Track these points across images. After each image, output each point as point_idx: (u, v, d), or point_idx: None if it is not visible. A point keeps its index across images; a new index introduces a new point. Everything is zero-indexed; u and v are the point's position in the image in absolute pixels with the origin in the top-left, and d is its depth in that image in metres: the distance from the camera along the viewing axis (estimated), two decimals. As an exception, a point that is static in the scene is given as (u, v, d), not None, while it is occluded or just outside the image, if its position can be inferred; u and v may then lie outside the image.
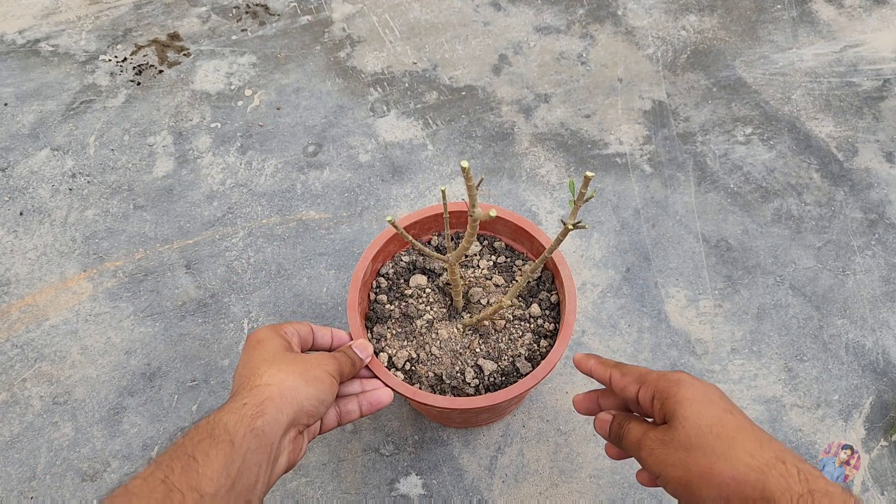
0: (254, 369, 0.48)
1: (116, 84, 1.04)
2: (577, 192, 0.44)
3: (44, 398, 0.76)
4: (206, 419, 0.44)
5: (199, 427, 0.43)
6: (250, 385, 0.47)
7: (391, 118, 1.00)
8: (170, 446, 0.43)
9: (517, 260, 0.67)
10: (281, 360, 0.49)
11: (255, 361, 0.49)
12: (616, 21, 1.13)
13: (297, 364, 0.49)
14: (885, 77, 1.05)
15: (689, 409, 0.42)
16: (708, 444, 0.40)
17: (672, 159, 0.96)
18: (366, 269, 0.61)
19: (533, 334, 0.63)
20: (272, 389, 0.46)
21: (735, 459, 0.39)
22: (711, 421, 0.41)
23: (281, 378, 0.47)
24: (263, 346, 0.51)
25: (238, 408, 0.44)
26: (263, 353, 0.50)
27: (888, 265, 0.86)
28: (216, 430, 0.42)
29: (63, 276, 0.85)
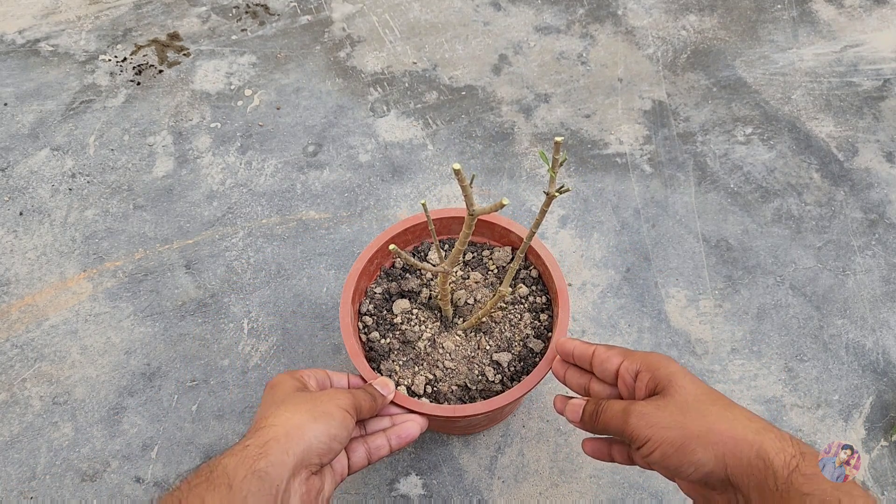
0: (264, 412, 0.47)
1: (116, 84, 1.04)
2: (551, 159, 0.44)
3: (44, 398, 0.76)
4: (207, 463, 0.42)
5: (198, 471, 0.42)
6: (256, 427, 0.45)
7: (391, 118, 1.00)
8: (166, 493, 0.41)
9: (483, 251, 0.68)
10: (290, 399, 0.47)
11: (265, 405, 0.48)
12: (616, 21, 1.13)
13: (306, 402, 0.47)
14: (886, 77, 1.05)
15: (685, 379, 0.44)
16: (706, 407, 0.42)
17: (672, 159, 0.96)
18: (349, 313, 0.60)
19: (530, 312, 0.63)
20: (277, 430, 0.44)
21: (734, 420, 0.41)
22: (706, 390, 0.44)
23: (287, 417, 0.45)
24: (276, 389, 0.49)
25: (240, 450, 0.42)
26: (275, 396, 0.48)
27: (888, 265, 0.86)
28: (214, 474, 0.41)
29: (63, 276, 0.85)
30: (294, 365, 0.78)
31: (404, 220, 0.65)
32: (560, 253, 0.87)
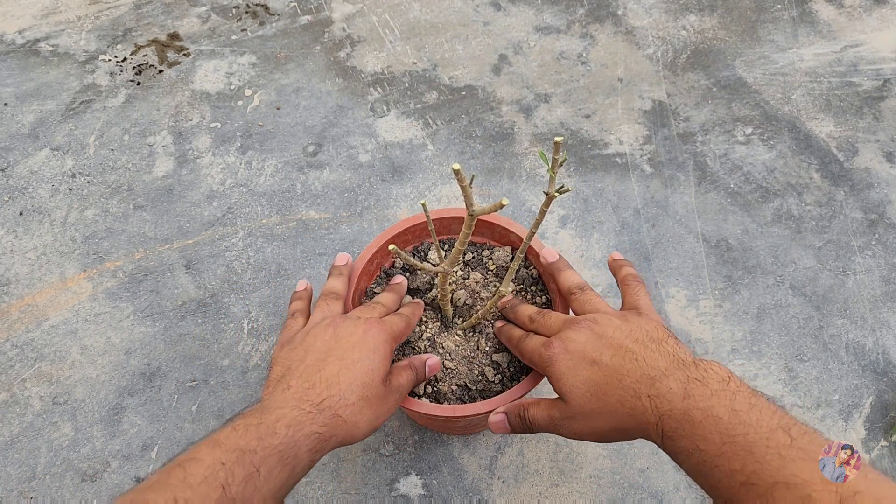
0: (345, 389, 0.46)
1: (116, 84, 1.04)
2: (551, 159, 0.43)
3: (44, 398, 0.76)
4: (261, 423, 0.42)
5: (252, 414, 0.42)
6: (322, 402, 0.45)
7: (391, 118, 1.00)
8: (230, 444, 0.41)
9: (483, 251, 0.68)
10: (373, 399, 0.48)
11: (356, 374, 0.48)
12: (616, 21, 1.13)
13: (379, 412, 0.49)
14: (886, 77, 1.05)
15: (565, 386, 0.48)
16: (592, 409, 0.47)
17: (672, 159, 0.96)
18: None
19: None
20: (342, 429, 0.46)
21: (608, 415, 0.46)
22: (584, 388, 0.47)
23: (357, 422, 0.47)
24: (373, 363, 0.49)
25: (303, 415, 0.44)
26: (366, 375, 0.48)
27: (888, 265, 0.86)
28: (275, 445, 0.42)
29: (63, 276, 0.85)
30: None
31: (404, 220, 0.65)
32: (560, 253, 0.87)
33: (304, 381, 0.46)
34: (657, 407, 0.43)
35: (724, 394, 0.41)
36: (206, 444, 0.40)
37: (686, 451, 0.41)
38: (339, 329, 0.50)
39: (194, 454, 0.39)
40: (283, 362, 0.49)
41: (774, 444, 0.37)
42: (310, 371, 0.47)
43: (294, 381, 0.46)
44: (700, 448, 0.40)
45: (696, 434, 0.40)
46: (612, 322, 0.50)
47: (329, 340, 0.49)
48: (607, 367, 0.47)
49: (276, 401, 0.45)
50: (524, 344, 0.54)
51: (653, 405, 0.43)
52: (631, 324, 0.49)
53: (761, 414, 0.39)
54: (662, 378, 0.44)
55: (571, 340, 0.49)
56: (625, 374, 0.45)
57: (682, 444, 0.41)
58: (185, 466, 0.38)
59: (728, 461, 0.38)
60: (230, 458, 0.39)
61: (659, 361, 0.45)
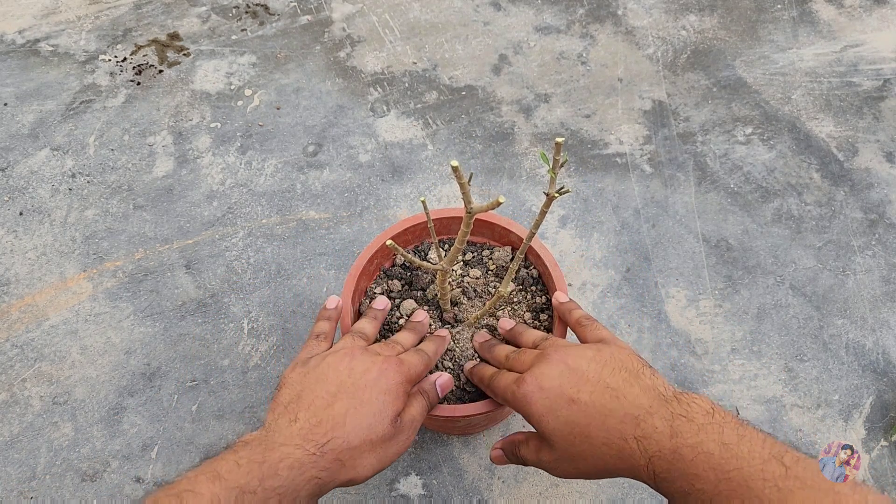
0: (349, 431, 0.45)
1: (116, 84, 1.04)
2: (552, 160, 0.43)
3: (44, 398, 0.76)
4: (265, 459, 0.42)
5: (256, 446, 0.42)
6: (326, 443, 0.44)
7: (391, 118, 1.00)
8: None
9: (483, 251, 0.68)
10: (378, 442, 0.47)
11: (363, 416, 0.46)
12: (616, 21, 1.13)
13: (384, 456, 0.48)
14: (886, 77, 1.05)
15: (546, 429, 0.47)
16: (577, 452, 0.46)
17: (672, 159, 0.96)
18: (349, 313, 0.60)
19: (530, 312, 0.63)
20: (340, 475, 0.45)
21: (595, 458, 0.45)
22: (566, 430, 0.46)
23: (357, 467, 0.46)
24: (383, 405, 0.48)
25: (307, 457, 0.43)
26: (373, 418, 0.47)
27: (888, 265, 0.86)
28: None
29: (63, 276, 0.85)
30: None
31: (404, 220, 0.65)
32: (560, 253, 0.87)
33: (312, 416, 0.45)
34: (645, 449, 0.42)
35: (711, 427, 0.40)
36: (205, 474, 0.39)
37: (682, 491, 0.40)
38: (356, 363, 0.49)
39: (192, 485, 0.39)
40: (294, 386, 0.48)
41: (770, 476, 0.37)
42: (318, 404, 0.46)
43: (302, 414, 0.45)
44: (696, 487, 0.39)
45: (689, 473, 0.39)
46: (584, 353, 0.49)
47: (343, 374, 0.48)
48: (587, 406, 0.45)
49: (281, 435, 0.44)
50: (496, 381, 0.53)
51: (641, 447, 0.42)
52: (603, 353, 0.48)
53: (752, 445, 0.38)
54: (647, 417, 0.43)
55: (545, 376, 0.48)
56: (607, 415, 0.44)
57: (677, 484, 0.40)
58: (183, 499, 0.38)
59: (726, 499, 0.37)
60: (229, 497, 0.38)
61: (641, 398, 0.44)
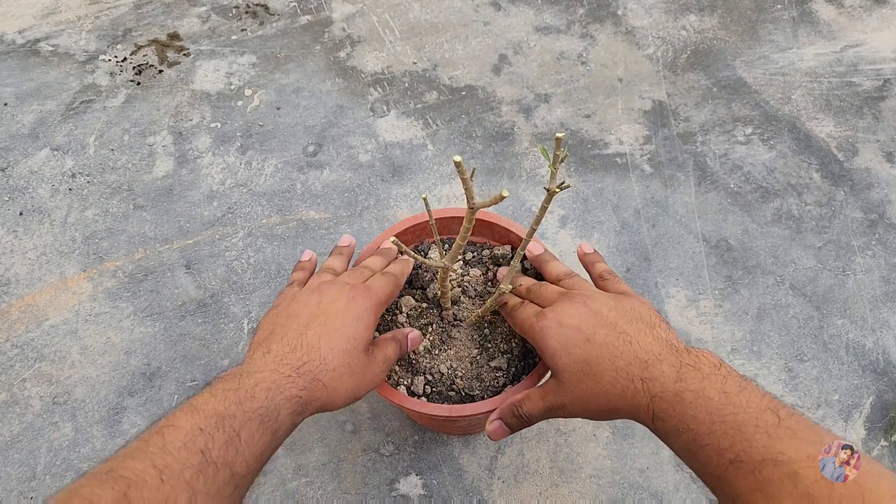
0: (325, 354, 0.46)
1: (116, 84, 1.04)
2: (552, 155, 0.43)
3: (44, 398, 0.76)
4: (245, 389, 0.42)
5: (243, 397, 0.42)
6: (304, 365, 0.45)
7: (391, 118, 1.00)
8: (212, 407, 0.40)
9: (483, 251, 0.68)
10: (355, 366, 0.48)
11: (337, 340, 0.47)
12: (616, 21, 1.13)
13: (361, 381, 0.49)
14: (886, 77, 1.05)
15: (558, 364, 0.48)
16: (584, 389, 0.47)
17: (672, 159, 0.96)
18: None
19: None
20: (324, 393, 0.46)
21: (600, 395, 0.46)
22: (576, 368, 0.47)
23: (337, 388, 0.47)
24: (356, 330, 0.49)
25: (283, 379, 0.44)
26: (348, 343, 0.48)
27: (888, 265, 0.86)
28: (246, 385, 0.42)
29: (63, 276, 0.85)
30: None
31: (404, 220, 0.65)
32: (560, 253, 0.87)
33: (285, 345, 0.46)
34: (649, 389, 0.44)
35: (715, 378, 0.42)
36: (183, 410, 0.40)
37: (676, 430, 0.42)
38: (324, 295, 0.50)
39: (172, 421, 0.39)
40: (268, 326, 0.50)
41: (763, 424, 0.38)
42: (291, 335, 0.47)
43: (275, 345, 0.46)
44: (690, 427, 0.41)
45: (687, 414, 0.41)
46: (607, 301, 0.50)
47: (313, 306, 0.50)
48: (600, 346, 0.47)
49: (255, 364, 0.45)
50: (517, 311, 0.54)
51: (645, 387, 0.44)
52: (623, 304, 0.50)
53: (751, 396, 0.40)
54: (656, 362, 0.44)
55: (565, 314, 0.50)
56: (617, 356, 0.46)
57: (672, 423, 0.42)
58: (163, 433, 0.38)
59: (717, 440, 0.39)
60: (209, 424, 0.39)
61: (652, 345, 0.46)
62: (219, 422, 0.39)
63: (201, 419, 0.39)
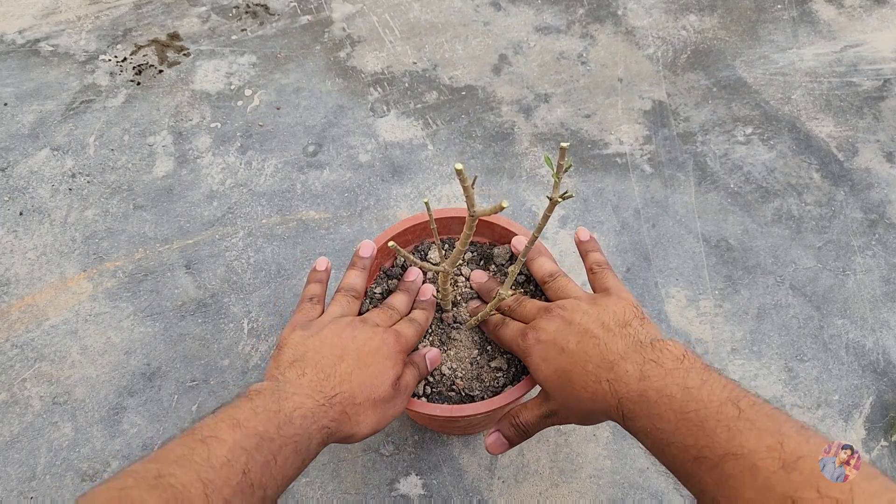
0: (355, 387, 0.48)
1: (116, 84, 1.04)
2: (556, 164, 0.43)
3: (44, 398, 0.76)
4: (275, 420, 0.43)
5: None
6: (334, 399, 0.46)
7: (391, 118, 1.00)
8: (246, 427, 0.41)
9: (483, 250, 0.68)
10: (380, 401, 0.49)
11: (368, 376, 0.49)
12: (616, 21, 1.13)
13: (384, 415, 0.50)
14: (886, 77, 1.05)
15: (540, 377, 0.50)
16: (565, 397, 0.49)
17: (672, 159, 0.96)
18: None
19: None
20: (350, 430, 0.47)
21: (578, 400, 0.48)
22: (555, 377, 0.49)
23: (360, 422, 0.48)
24: (385, 368, 0.50)
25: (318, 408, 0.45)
26: (377, 378, 0.49)
27: (888, 265, 0.86)
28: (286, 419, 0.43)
29: (63, 276, 0.85)
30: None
31: (404, 220, 0.65)
32: (560, 253, 0.87)
33: (319, 372, 0.47)
34: (616, 390, 0.45)
35: (677, 372, 0.42)
36: (227, 422, 0.41)
37: (644, 430, 0.43)
38: (357, 333, 0.51)
39: (216, 432, 0.40)
40: (297, 346, 0.50)
41: (724, 418, 0.39)
42: (325, 363, 0.48)
43: (309, 369, 0.47)
44: (657, 426, 0.41)
45: (653, 414, 0.42)
46: (581, 307, 0.51)
47: (346, 340, 0.50)
48: (573, 353, 0.48)
49: (292, 385, 0.46)
50: (501, 330, 0.56)
51: (612, 388, 0.45)
52: (599, 307, 0.51)
53: (712, 389, 0.40)
54: (620, 361, 0.45)
55: (543, 330, 0.51)
56: (587, 360, 0.47)
57: (641, 423, 0.43)
58: (208, 444, 0.39)
59: (682, 437, 0.40)
60: (251, 444, 0.40)
61: (619, 344, 0.47)
62: (259, 443, 0.40)
63: (244, 438, 0.40)
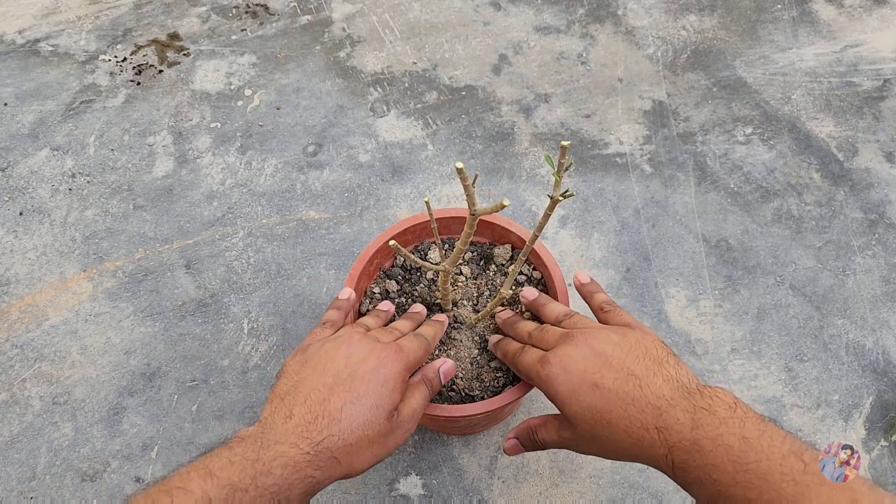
0: (345, 427, 0.45)
1: (116, 84, 1.04)
2: (556, 163, 0.43)
3: (44, 398, 0.76)
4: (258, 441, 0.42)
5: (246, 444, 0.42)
6: (316, 420, 0.44)
7: (391, 118, 1.00)
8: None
9: (483, 250, 0.68)
10: (374, 437, 0.46)
11: (360, 411, 0.46)
12: (616, 21, 1.13)
13: (380, 451, 0.47)
14: (886, 77, 1.05)
15: (569, 412, 0.47)
16: (599, 436, 0.46)
17: (672, 159, 0.96)
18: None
19: (530, 312, 0.63)
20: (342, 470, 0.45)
21: (615, 443, 0.45)
22: (588, 415, 0.46)
23: (352, 463, 0.45)
24: (380, 398, 0.47)
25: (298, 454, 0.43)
26: (370, 412, 0.46)
27: (888, 265, 0.86)
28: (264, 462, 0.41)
29: (63, 276, 0.85)
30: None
31: (404, 220, 0.65)
32: (560, 253, 0.87)
33: (308, 412, 0.45)
34: (666, 439, 0.42)
35: (732, 421, 0.40)
36: (199, 472, 0.39)
37: (699, 481, 0.40)
38: (353, 350, 0.49)
39: (185, 482, 0.38)
40: (292, 376, 0.48)
41: (789, 471, 0.37)
42: (314, 399, 0.46)
43: (297, 409, 0.45)
44: (713, 478, 0.39)
45: (708, 464, 0.39)
46: (610, 337, 0.48)
47: (340, 363, 0.48)
48: (610, 392, 0.45)
49: (276, 432, 0.43)
50: (520, 359, 0.53)
51: (661, 437, 0.42)
52: (628, 338, 0.48)
53: (772, 440, 0.38)
54: (669, 409, 0.43)
55: (569, 358, 0.48)
56: (630, 403, 0.44)
57: (695, 474, 0.40)
58: (173, 496, 0.37)
59: (743, 490, 0.38)
60: (220, 495, 0.38)
61: (664, 389, 0.44)
62: (230, 493, 0.38)
63: (213, 487, 0.38)
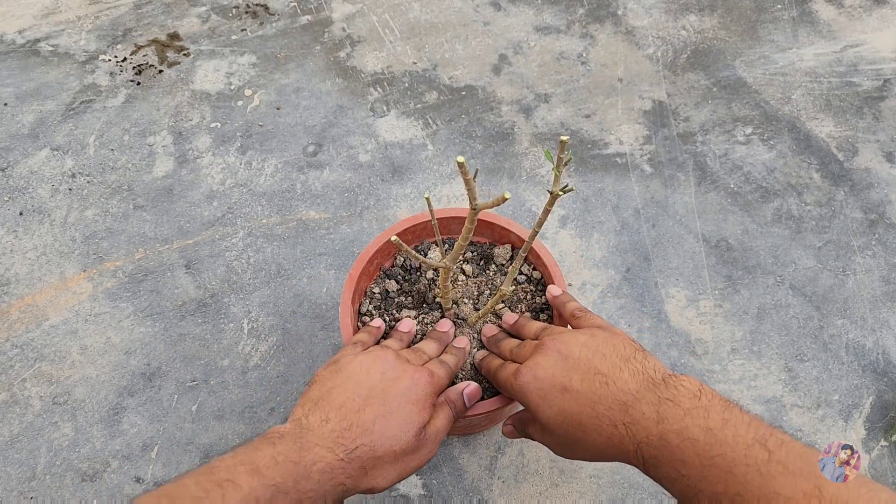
0: (376, 439, 0.46)
1: (116, 84, 1.04)
2: (556, 158, 0.43)
3: (44, 398, 0.76)
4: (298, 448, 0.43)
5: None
6: (357, 452, 0.45)
7: (391, 118, 1.00)
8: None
9: (483, 250, 0.68)
10: (401, 453, 0.47)
11: (391, 425, 0.47)
12: (616, 21, 1.13)
13: (406, 468, 0.48)
14: (886, 77, 1.05)
15: (542, 418, 0.48)
16: (572, 439, 0.46)
17: (672, 159, 0.96)
18: (349, 313, 0.60)
19: (530, 311, 0.63)
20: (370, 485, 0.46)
21: (588, 443, 0.45)
22: (560, 419, 0.47)
23: (377, 477, 0.46)
24: (410, 416, 0.48)
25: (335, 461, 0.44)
26: (400, 429, 0.47)
27: (888, 265, 0.86)
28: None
29: (63, 276, 0.85)
30: (294, 366, 0.78)
31: (404, 220, 0.65)
32: (560, 253, 0.87)
33: (343, 419, 0.46)
34: (634, 434, 0.42)
35: (696, 412, 0.40)
36: (246, 465, 0.40)
37: (669, 477, 0.41)
38: (388, 368, 0.50)
39: (233, 475, 0.40)
40: (325, 383, 0.48)
41: (753, 461, 0.37)
42: (349, 407, 0.46)
43: (333, 415, 0.46)
44: (682, 473, 0.39)
45: (676, 459, 0.40)
46: (577, 339, 0.49)
47: (374, 377, 0.49)
48: (578, 393, 0.45)
49: (314, 434, 0.44)
50: (499, 374, 0.53)
51: (629, 433, 0.43)
52: (596, 338, 0.48)
53: (736, 429, 0.39)
54: (634, 402, 0.43)
55: (538, 366, 0.48)
56: (597, 402, 0.45)
57: (664, 470, 0.41)
58: (223, 488, 0.38)
59: (711, 485, 0.38)
60: (266, 495, 0.39)
61: (630, 384, 0.44)
62: (274, 495, 0.40)
63: (260, 487, 0.39)
